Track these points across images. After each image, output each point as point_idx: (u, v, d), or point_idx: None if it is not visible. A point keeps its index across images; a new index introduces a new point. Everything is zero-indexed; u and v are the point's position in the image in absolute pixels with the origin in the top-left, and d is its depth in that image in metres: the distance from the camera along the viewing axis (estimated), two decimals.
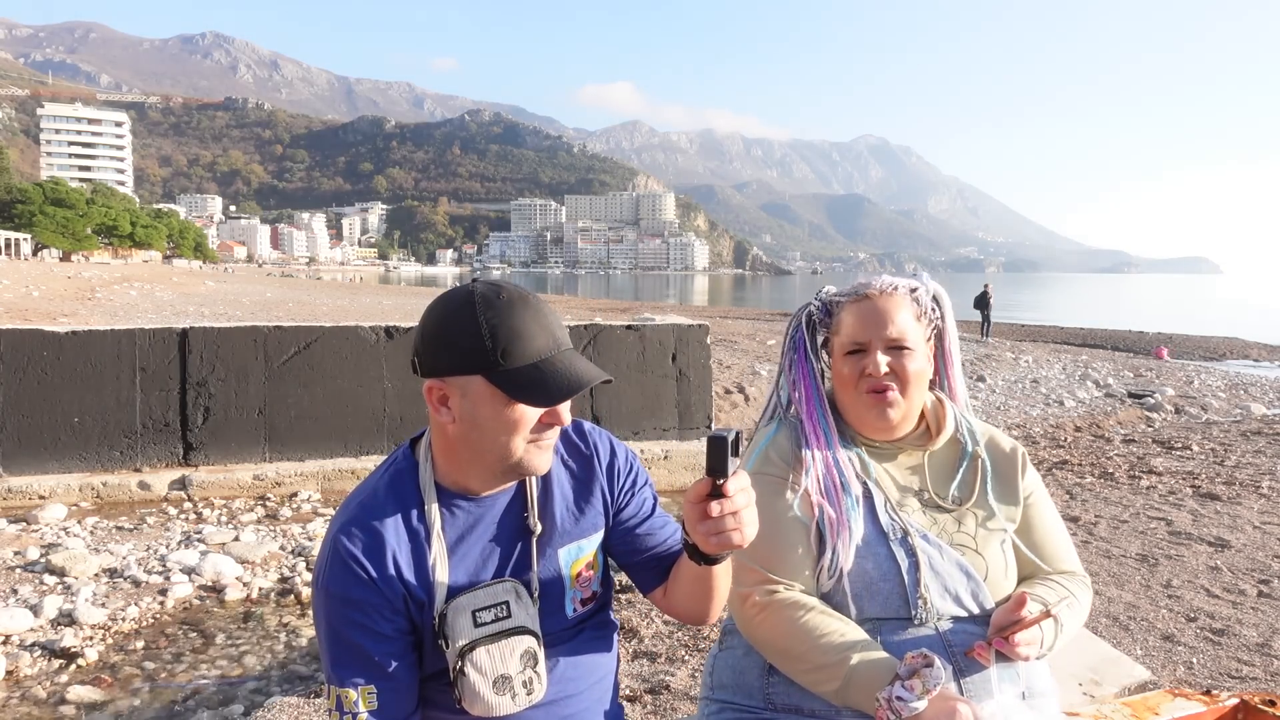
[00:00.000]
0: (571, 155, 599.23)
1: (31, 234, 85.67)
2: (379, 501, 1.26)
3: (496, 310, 1.18)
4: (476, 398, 1.20)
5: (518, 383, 1.18)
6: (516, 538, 1.32)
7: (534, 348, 1.19)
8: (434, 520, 1.26)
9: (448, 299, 1.22)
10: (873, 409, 1.51)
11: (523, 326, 1.19)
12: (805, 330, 1.63)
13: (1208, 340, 25.40)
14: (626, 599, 4.16)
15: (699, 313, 35.28)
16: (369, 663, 1.20)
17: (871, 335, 1.51)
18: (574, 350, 1.25)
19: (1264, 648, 3.69)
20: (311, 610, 1.28)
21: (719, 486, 1.11)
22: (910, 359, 1.50)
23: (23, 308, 19.15)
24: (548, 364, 1.19)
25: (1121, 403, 11.72)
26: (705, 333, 7.64)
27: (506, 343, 1.17)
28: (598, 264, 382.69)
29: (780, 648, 1.41)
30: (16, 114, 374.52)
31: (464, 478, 1.29)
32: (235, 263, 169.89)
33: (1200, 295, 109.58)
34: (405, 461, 1.32)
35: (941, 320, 1.60)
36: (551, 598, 1.33)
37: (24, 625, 3.88)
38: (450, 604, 1.23)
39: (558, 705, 1.31)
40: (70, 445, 6.14)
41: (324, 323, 6.93)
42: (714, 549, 1.16)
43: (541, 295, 1.26)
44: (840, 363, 1.55)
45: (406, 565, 1.23)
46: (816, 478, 1.48)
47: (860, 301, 1.55)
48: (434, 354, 1.21)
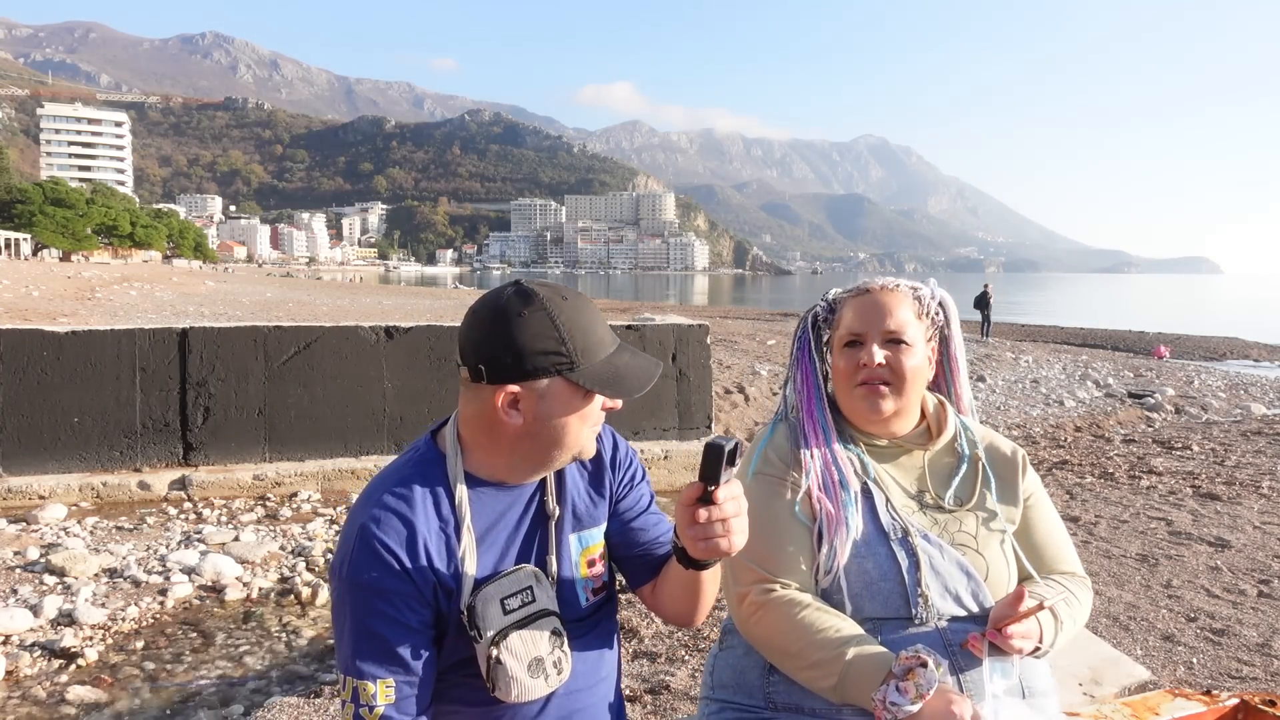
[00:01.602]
0: (571, 155, 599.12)
1: (31, 234, 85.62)
2: (407, 490, 1.26)
3: (569, 313, 1.22)
4: (555, 397, 1.23)
5: (599, 378, 1.23)
6: (536, 523, 1.34)
7: (604, 344, 1.25)
8: (465, 511, 1.27)
9: (510, 303, 1.22)
10: (865, 400, 1.51)
11: (591, 324, 1.24)
12: (810, 331, 1.64)
13: (1208, 340, 25.40)
14: (626, 599, 4.16)
15: (699, 313, 35.28)
16: (391, 655, 1.20)
17: (868, 327, 1.52)
18: (623, 342, 1.30)
19: (1264, 648, 3.69)
20: (331, 601, 1.27)
21: (709, 493, 1.12)
22: (907, 354, 1.50)
23: (22, 308, 19.15)
24: (617, 357, 1.26)
25: (1121, 403, 11.72)
26: (705, 333, 7.64)
27: (584, 343, 1.22)
28: (598, 264, 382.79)
29: (777, 646, 1.41)
30: (16, 114, 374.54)
31: (506, 471, 1.30)
32: (235, 263, 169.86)
33: (1200, 295, 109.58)
34: (430, 451, 1.32)
35: (946, 325, 1.60)
36: (567, 585, 1.35)
37: (24, 625, 3.88)
38: (477, 595, 1.24)
39: (570, 697, 1.32)
40: (70, 445, 6.14)
41: (324, 323, 6.93)
42: (701, 554, 1.17)
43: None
44: (838, 356, 1.56)
45: (438, 555, 1.24)
46: (816, 475, 1.49)
47: (861, 296, 1.57)
48: (511, 360, 1.21)
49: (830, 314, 1.63)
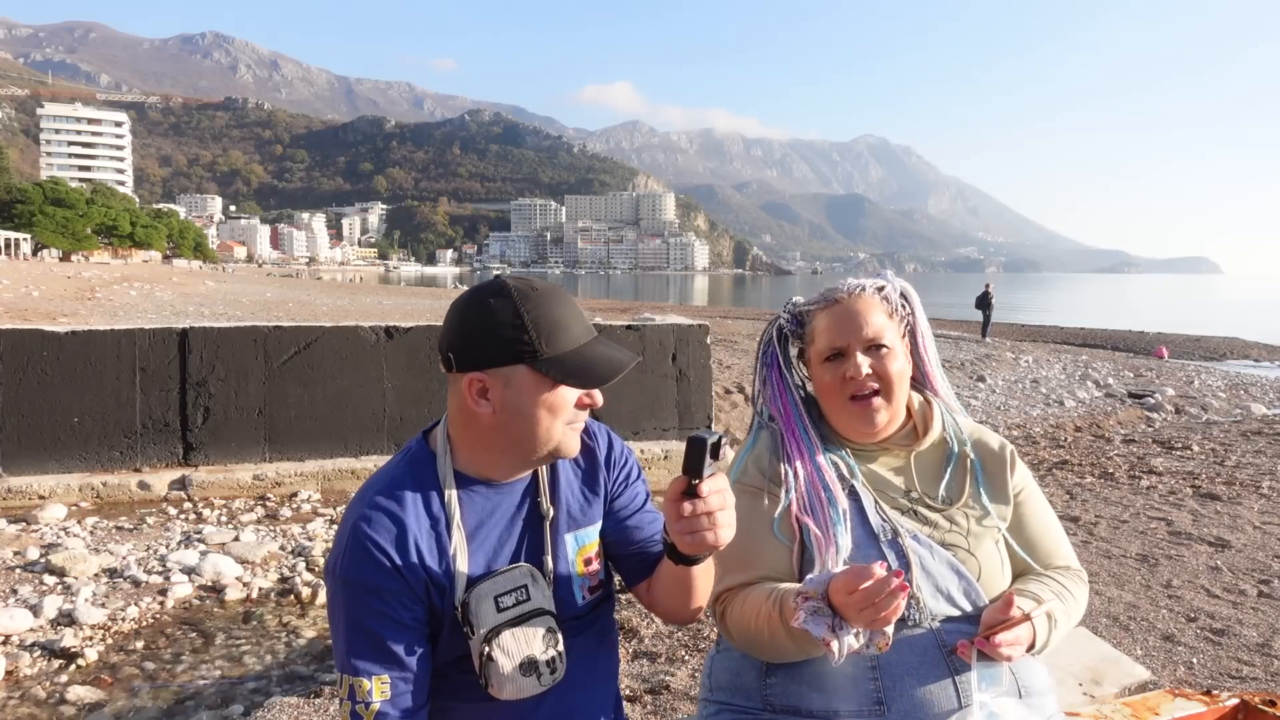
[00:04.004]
0: (571, 155, 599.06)
1: (31, 234, 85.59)
2: (398, 490, 1.28)
3: (534, 301, 1.23)
4: (520, 386, 1.23)
5: (563, 368, 1.23)
6: (530, 523, 1.35)
7: (573, 335, 1.25)
8: (454, 508, 1.28)
9: (482, 294, 1.26)
10: (860, 417, 1.50)
11: (561, 315, 1.24)
12: (777, 344, 1.62)
13: (1208, 340, 25.39)
14: (626, 599, 4.16)
15: (699, 313, 35.27)
16: (385, 652, 1.22)
17: (849, 338, 1.50)
18: (600, 335, 1.30)
19: (1264, 648, 3.69)
20: (327, 599, 1.29)
21: (694, 486, 1.13)
22: (890, 358, 1.50)
23: (22, 308, 19.14)
24: (587, 349, 1.26)
25: (1121, 403, 11.72)
26: (705, 333, 7.64)
27: (550, 332, 1.22)
28: (598, 264, 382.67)
29: (747, 639, 1.41)
30: (16, 114, 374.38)
31: (490, 466, 1.31)
32: (235, 263, 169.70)
33: (1200, 295, 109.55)
34: (421, 451, 1.34)
35: (913, 316, 1.59)
36: (563, 584, 1.35)
37: (24, 625, 3.88)
38: (471, 591, 1.25)
39: (567, 696, 1.33)
40: (70, 445, 6.14)
41: (324, 323, 6.93)
42: (689, 548, 1.18)
43: None
44: (820, 370, 1.54)
45: (428, 552, 1.25)
46: (800, 494, 1.47)
47: (831, 307, 1.54)
48: (475, 347, 1.24)
49: (797, 326, 1.60)
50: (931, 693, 1.36)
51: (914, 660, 1.38)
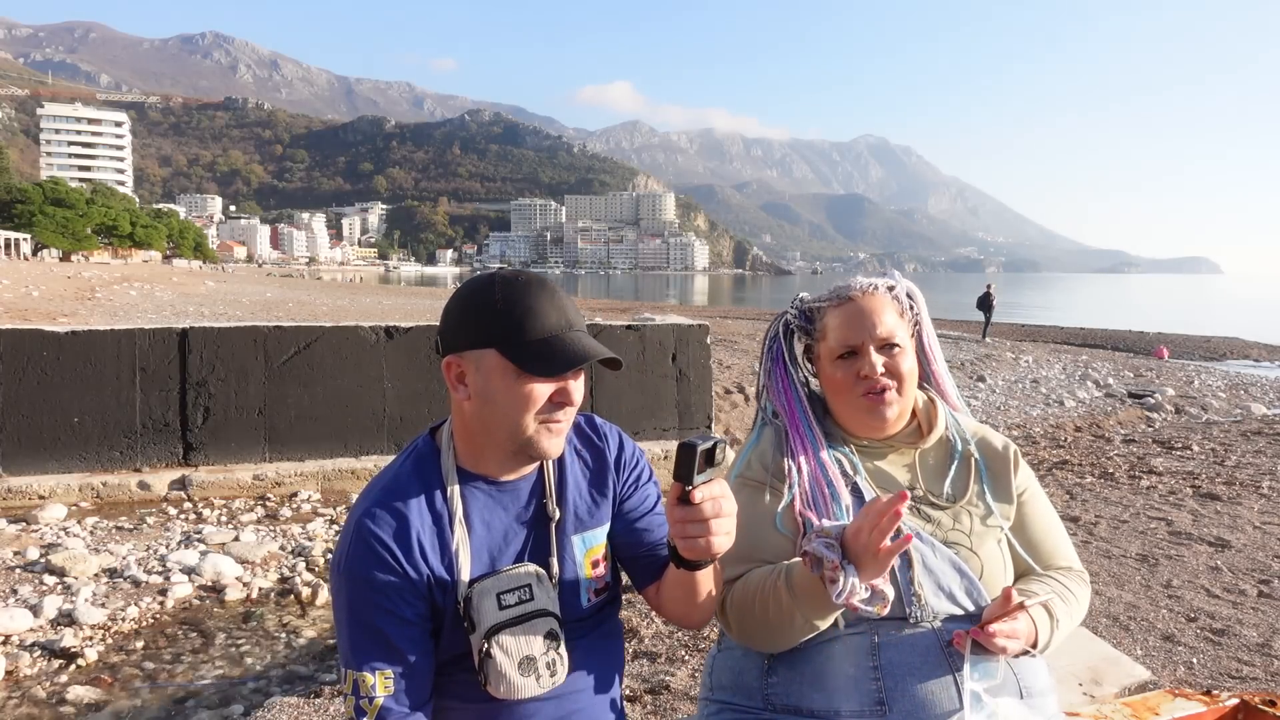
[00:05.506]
0: (571, 155, 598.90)
1: (31, 234, 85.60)
2: (402, 486, 1.29)
3: (513, 288, 1.24)
4: (489, 371, 1.23)
5: (527, 354, 1.22)
6: (536, 524, 1.34)
7: (546, 324, 1.23)
8: (456, 504, 1.28)
9: (472, 282, 1.28)
10: (872, 411, 1.50)
11: (536, 304, 1.23)
12: (784, 339, 1.62)
13: (1208, 340, 25.40)
14: (626, 599, 4.16)
15: (699, 313, 35.27)
16: (388, 647, 1.22)
17: (864, 336, 1.50)
18: (585, 332, 1.28)
19: (1264, 648, 3.69)
20: (331, 595, 1.29)
21: (686, 493, 1.12)
22: (903, 357, 1.50)
23: (22, 308, 19.14)
24: (558, 340, 1.23)
25: (1121, 403, 11.72)
26: (705, 333, 7.64)
27: (520, 317, 1.22)
28: (598, 264, 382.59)
29: (746, 622, 1.41)
30: (16, 114, 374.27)
31: (483, 461, 1.31)
32: (235, 263, 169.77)
33: (1200, 295, 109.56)
34: (426, 447, 1.34)
35: (919, 316, 1.60)
36: (569, 586, 1.35)
37: (24, 625, 3.88)
38: (474, 587, 1.25)
39: (570, 697, 1.33)
40: (70, 445, 6.14)
41: (324, 323, 6.93)
42: (686, 554, 1.18)
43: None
44: (832, 368, 1.53)
45: (431, 548, 1.26)
46: (803, 490, 1.47)
47: (844, 304, 1.54)
48: (453, 330, 1.26)
49: (806, 322, 1.60)
50: (933, 692, 1.36)
51: (916, 660, 1.38)
